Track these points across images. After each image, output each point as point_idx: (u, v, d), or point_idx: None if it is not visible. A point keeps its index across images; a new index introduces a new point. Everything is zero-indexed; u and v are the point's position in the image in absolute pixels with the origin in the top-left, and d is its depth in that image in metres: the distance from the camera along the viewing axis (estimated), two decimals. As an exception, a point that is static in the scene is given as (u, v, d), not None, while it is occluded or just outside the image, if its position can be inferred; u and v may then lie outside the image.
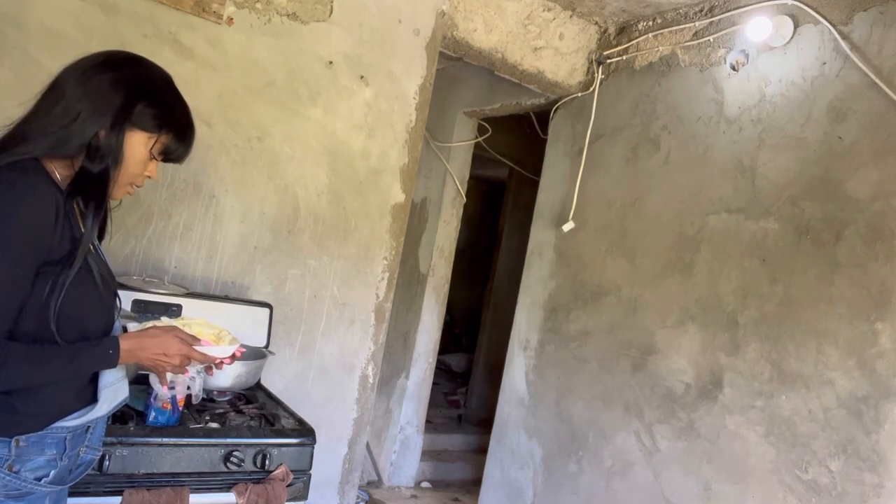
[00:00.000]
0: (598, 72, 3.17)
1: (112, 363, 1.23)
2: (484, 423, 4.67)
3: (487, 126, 4.27)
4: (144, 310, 2.08)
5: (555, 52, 3.13)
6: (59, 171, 1.19)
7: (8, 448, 1.15)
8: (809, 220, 2.23)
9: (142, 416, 1.71)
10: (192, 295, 2.22)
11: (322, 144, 2.56)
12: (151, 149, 1.25)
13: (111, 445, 1.57)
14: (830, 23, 2.25)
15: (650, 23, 2.98)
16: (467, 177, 4.25)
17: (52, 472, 1.22)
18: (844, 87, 2.20)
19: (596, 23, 3.19)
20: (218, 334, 1.49)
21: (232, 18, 2.33)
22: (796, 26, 2.37)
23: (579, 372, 3.00)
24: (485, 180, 6.55)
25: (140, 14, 2.17)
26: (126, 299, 2.06)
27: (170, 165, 2.26)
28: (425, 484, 4.20)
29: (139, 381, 1.90)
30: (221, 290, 2.41)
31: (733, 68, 2.56)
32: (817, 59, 2.29)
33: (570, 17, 3.13)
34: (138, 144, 1.22)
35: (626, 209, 2.92)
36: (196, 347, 1.33)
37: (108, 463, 1.54)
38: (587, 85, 3.23)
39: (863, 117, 2.14)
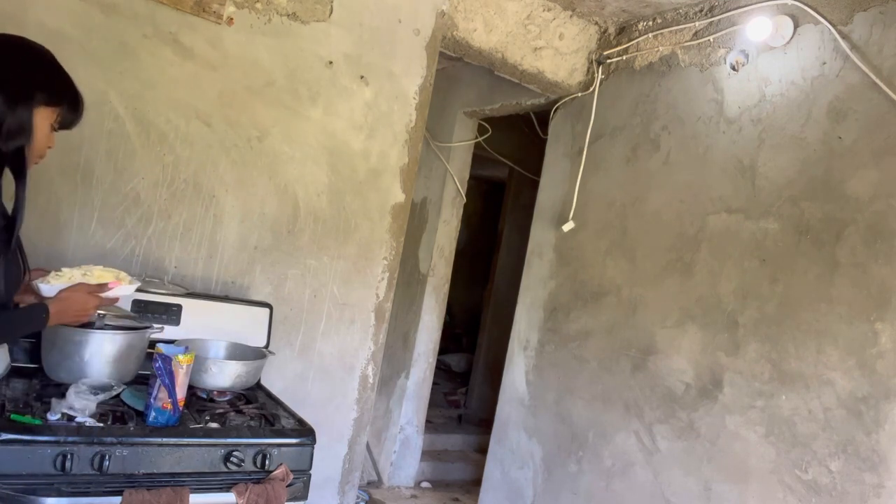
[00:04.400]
0: (598, 72, 3.17)
1: (44, 325, 1.41)
2: (484, 423, 4.67)
3: (487, 126, 4.27)
4: (144, 310, 2.08)
5: (555, 52, 3.13)
6: None
7: None
8: (809, 220, 2.23)
9: (142, 416, 1.71)
10: (191, 295, 2.22)
11: (322, 144, 2.56)
12: (52, 122, 1.35)
13: (111, 445, 1.57)
14: (830, 23, 2.25)
15: (650, 23, 2.98)
16: (467, 177, 4.25)
17: None
18: (844, 87, 2.20)
19: (596, 23, 3.19)
20: (118, 275, 1.63)
21: (232, 18, 2.33)
22: (796, 26, 2.37)
23: (579, 372, 3.00)
24: (485, 180, 6.55)
25: (140, 14, 2.17)
26: (126, 299, 2.06)
27: (170, 165, 2.27)
28: (425, 484, 4.20)
29: (139, 382, 1.90)
30: (221, 290, 2.41)
31: (733, 68, 2.56)
32: (817, 59, 2.29)
33: (570, 17, 3.13)
34: (43, 120, 1.31)
35: (626, 209, 2.92)
36: (105, 293, 1.49)
37: (108, 463, 1.54)
38: (587, 85, 3.23)
39: (863, 117, 2.14)
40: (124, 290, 1.62)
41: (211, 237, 2.38)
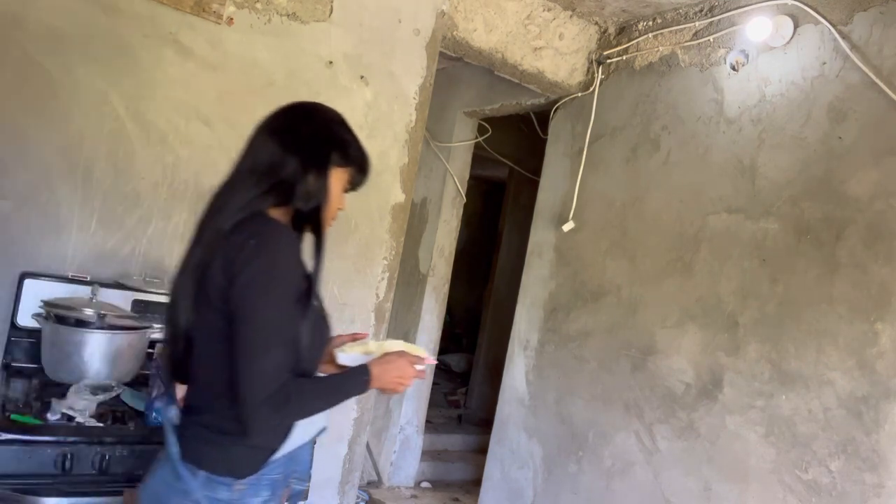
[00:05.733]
0: (598, 72, 3.17)
1: (365, 389, 1.32)
2: (484, 423, 4.67)
3: (487, 126, 4.27)
4: (145, 310, 2.08)
5: (555, 52, 3.13)
6: (280, 219, 1.29)
7: (229, 492, 1.18)
8: (809, 220, 2.23)
9: (142, 416, 1.71)
10: (192, 295, 2.22)
11: (322, 144, 2.56)
12: (344, 183, 1.39)
13: (111, 445, 1.57)
14: (830, 23, 2.25)
15: (650, 23, 2.98)
16: (467, 177, 4.24)
17: None
18: (844, 87, 2.20)
19: (596, 23, 3.19)
20: (416, 350, 1.54)
21: (232, 18, 2.33)
22: (796, 26, 2.37)
23: (579, 372, 3.00)
24: (485, 180, 6.55)
25: (140, 14, 2.17)
26: (126, 299, 2.06)
27: (170, 165, 2.27)
28: (425, 484, 4.20)
29: (139, 382, 1.90)
30: (221, 290, 2.40)
31: (733, 68, 2.56)
32: (817, 59, 2.29)
33: (570, 17, 3.13)
34: (336, 182, 1.34)
35: (626, 209, 2.92)
36: (420, 366, 1.43)
37: (107, 463, 1.54)
38: (587, 85, 3.23)
39: (863, 117, 2.14)
40: (431, 363, 1.57)
41: (211, 237, 2.38)
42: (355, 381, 1.31)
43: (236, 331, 1.16)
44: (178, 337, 1.26)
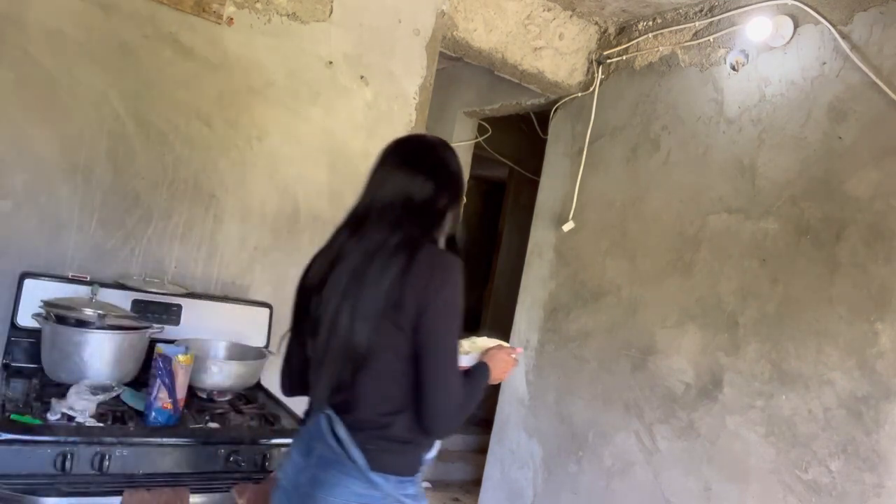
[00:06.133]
0: (598, 72, 3.17)
1: (488, 381, 1.48)
2: (484, 423, 4.66)
3: (487, 126, 4.27)
4: (144, 310, 2.08)
5: (555, 52, 3.13)
6: None
7: (414, 486, 1.36)
8: (809, 220, 2.23)
9: (142, 416, 1.71)
10: (192, 295, 2.22)
11: (322, 144, 2.56)
12: None
13: (111, 445, 1.57)
14: (830, 23, 2.25)
15: (650, 23, 2.98)
16: (467, 177, 4.24)
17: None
18: (844, 87, 2.20)
19: (596, 23, 3.19)
20: (501, 343, 1.67)
21: (232, 18, 2.33)
22: (796, 26, 2.37)
23: (579, 372, 3.00)
24: (485, 180, 6.54)
25: (140, 14, 2.17)
26: (126, 299, 2.07)
27: (170, 165, 2.28)
28: (425, 484, 4.20)
29: (139, 382, 1.90)
30: (221, 290, 2.41)
31: (733, 68, 2.56)
32: (817, 59, 2.29)
33: (570, 17, 3.13)
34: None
35: (626, 209, 2.92)
36: (515, 355, 1.58)
37: (108, 463, 1.54)
38: (587, 85, 3.23)
39: (863, 117, 2.14)
40: (520, 353, 1.71)
41: (211, 237, 2.38)
42: (483, 376, 1.45)
43: (427, 353, 1.29)
44: (349, 358, 1.31)
